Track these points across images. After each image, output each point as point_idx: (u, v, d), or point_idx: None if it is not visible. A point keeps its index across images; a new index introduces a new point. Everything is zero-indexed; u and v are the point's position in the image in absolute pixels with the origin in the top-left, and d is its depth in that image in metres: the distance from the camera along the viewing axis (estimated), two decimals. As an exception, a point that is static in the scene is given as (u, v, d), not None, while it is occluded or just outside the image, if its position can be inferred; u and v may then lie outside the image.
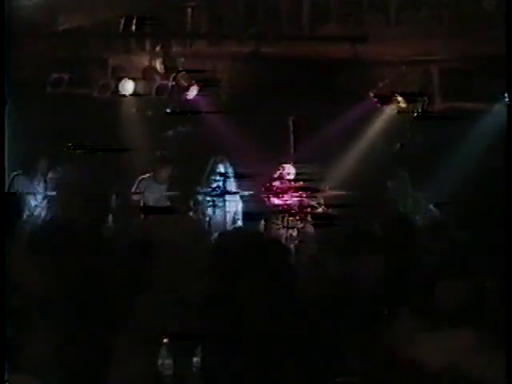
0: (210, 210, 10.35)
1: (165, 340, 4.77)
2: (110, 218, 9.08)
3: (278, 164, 10.75)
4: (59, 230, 7.55)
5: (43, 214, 9.90)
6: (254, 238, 5.64)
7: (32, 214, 9.75)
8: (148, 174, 10.77)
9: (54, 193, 10.34)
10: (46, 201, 10.27)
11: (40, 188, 10.42)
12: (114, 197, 9.69)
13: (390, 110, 11.41)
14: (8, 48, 10.17)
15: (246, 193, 10.57)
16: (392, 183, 10.56)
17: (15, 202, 8.23)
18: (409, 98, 11.05)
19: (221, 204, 10.40)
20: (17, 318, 5.42)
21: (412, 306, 4.75)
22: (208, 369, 4.77)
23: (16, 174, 10.28)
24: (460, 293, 4.47)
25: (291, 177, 10.68)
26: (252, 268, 4.75)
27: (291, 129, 10.97)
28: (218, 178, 10.46)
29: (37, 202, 10.23)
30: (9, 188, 9.98)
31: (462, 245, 6.14)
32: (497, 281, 4.52)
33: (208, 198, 10.39)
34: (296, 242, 9.49)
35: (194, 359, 5.69)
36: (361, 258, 5.98)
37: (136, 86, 11.47)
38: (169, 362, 5.06)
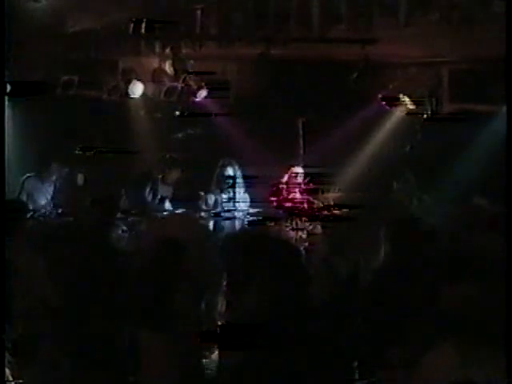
0: (218, 212, 10.36)
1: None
2: (119, 219, 9.13)
3: (287, 166, 10.77)
4: (68, 230, 7.59)
5: (52, 215, 9.93)
6: (262, 239, 5.61)
7: (42, 215, 9.80)
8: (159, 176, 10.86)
9: (63, 194, 10.38)
10: (55, 202, 10.29)
11: (50, 189, 10.42)
12: (123, 198, 9.73)
13: (399, 112, 11.51)
14: (18, 50, 10.32)
15: (255, 195, 10.56)
16: (398, 185, 10.58)
17: (24, 204, 8.30)
18: (417, 100, 11.14)
19: (230, 205, 10.41)
20: (25, 317, 5.44)
21: (419, 306, 4.82)
22: (222, 370, 4.77)
23: (27, 176, 10.31)
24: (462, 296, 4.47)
25: (300, 179, 10.70)
26: (259, 269, 4.73)
27: (301, 131, 11.03)
28: (226, 179, 10.50)
29: (47, 204, 10.25)
30: (20, 190, 10.14)
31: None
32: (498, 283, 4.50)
33: (217, 200, 10.43)
34: (306, 243, 9.36)
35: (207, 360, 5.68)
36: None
37: (145, 88, 11.53)
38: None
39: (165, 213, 9.86)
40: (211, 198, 10.48)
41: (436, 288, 4.75)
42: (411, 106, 11.24)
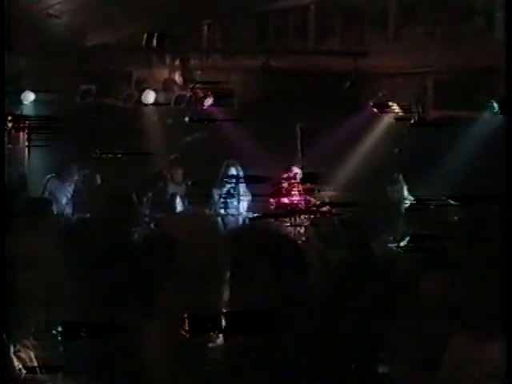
0: (223, 209, 10.57)
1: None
2: (137, 215, 9.59)
3: (286, 167, 11.02)
4: (87, 228, 8.02)
5: (72, 213, 10.09)
6: (262, 234, 6.03)
7: (62, 214, 9.85)
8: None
9: (83, 194, 10.45)
10: (75, 201, 10.42)
11: (71, 189, 10.58)
12: (136, 197, 10.13)
13: (388, 118, 11.75)
14: (42, 62, 10.99)
15: (257, 193, 10.79)
16: (387, 184, 10.62)
17: (50, 201, 8.78)
18: (405, 107, 11.40)
19: (233, 203, 10.63)
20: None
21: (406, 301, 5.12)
22: (222, 359, 4.84)
23: (50, 177, 10.51)
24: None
25: (298, 178, 10.93)
26: (261, 261, 5.17)
27: (298, 135, 11.19)
28: (230, 179, 10.71)
29: (67, 202, 10.42)
30: (43, 190, 10.35)
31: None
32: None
33: (222, 198, 10.65)
34: (303, 238, 9.70)
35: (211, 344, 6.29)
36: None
37: (157, 96, 11.94)
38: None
39: (177, 209, 10.03)
40: (216, 196, 10.69)
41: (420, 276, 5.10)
42: (399, 112, 11.52)
